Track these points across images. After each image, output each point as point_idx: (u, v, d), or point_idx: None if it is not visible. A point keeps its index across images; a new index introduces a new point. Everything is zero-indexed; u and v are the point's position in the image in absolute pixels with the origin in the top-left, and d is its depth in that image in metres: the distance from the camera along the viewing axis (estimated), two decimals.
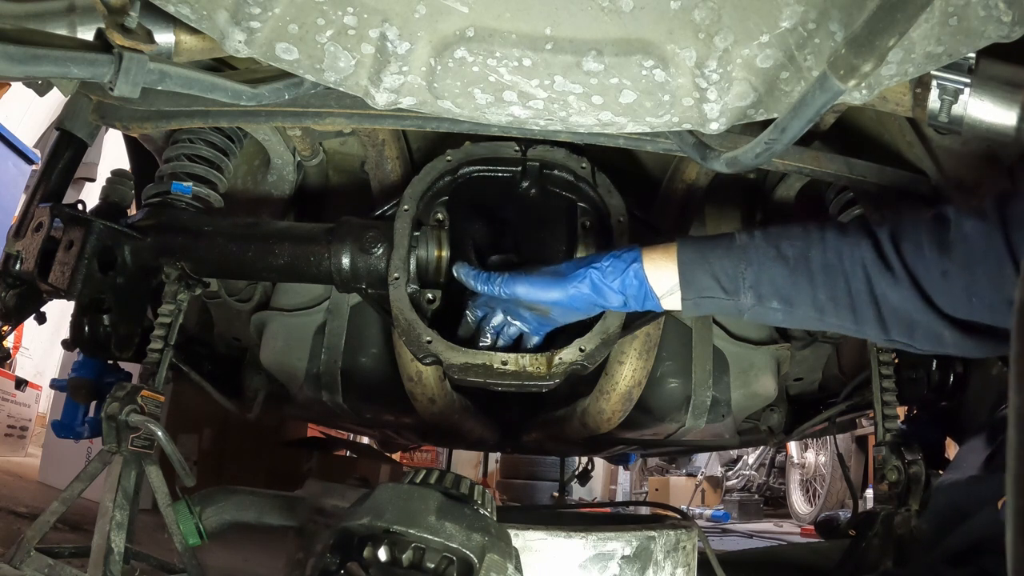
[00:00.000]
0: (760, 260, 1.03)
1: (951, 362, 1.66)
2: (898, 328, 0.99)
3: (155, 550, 1.27)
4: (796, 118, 0.86)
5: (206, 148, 1.50)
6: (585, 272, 1.11)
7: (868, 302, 0.99)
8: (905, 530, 1.27)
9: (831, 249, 1.00)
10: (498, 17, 0.89)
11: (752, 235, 1.05)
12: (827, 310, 1.01)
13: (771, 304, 1.03)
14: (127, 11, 0.88)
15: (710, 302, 1.06)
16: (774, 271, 1.02)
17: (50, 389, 2.71)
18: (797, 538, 4.77)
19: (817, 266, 1.00)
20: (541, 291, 1.14)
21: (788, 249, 1.02)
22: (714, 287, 1.05)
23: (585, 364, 1.25)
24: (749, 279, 1.03)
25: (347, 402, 1.71)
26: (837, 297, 1.00)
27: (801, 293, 1.02)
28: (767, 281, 1.02)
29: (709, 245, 1.07)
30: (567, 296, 1.12)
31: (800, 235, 1.03)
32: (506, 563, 0.83)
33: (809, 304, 1.02)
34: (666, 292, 1.08)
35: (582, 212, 1.43)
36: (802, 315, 1.03)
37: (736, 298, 1.04)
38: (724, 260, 1.04)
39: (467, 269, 1.23)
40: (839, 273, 0.99)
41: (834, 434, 2.08)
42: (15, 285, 1.35)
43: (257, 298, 1.78)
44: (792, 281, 1.01)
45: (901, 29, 0.72)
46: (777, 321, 1.06)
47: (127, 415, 1.20)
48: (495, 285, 1.17)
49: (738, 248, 1.04)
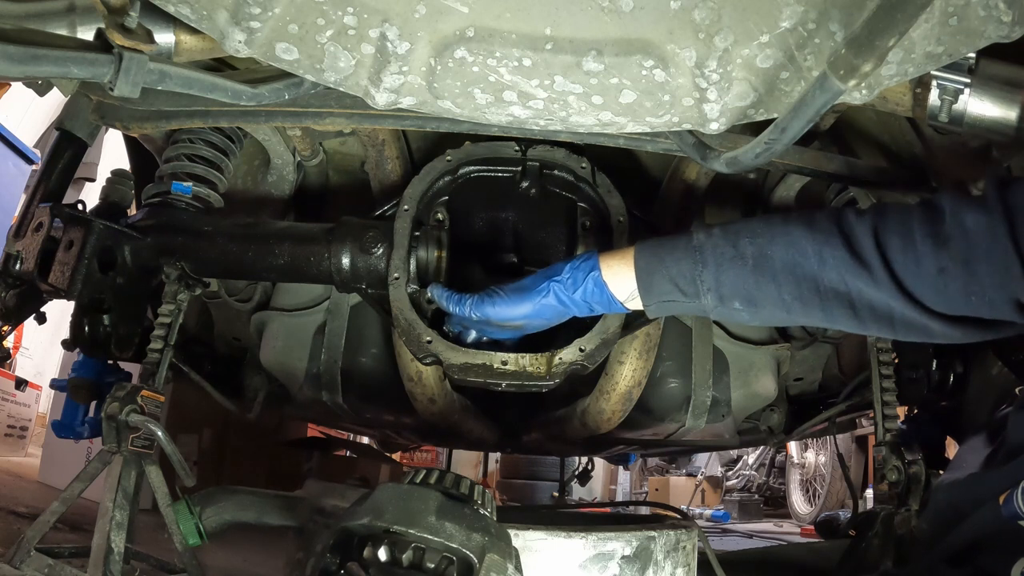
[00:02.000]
0: (717, 261, 0.99)
1: (951, 362, 1.66)
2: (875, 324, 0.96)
3: (155, 550, 1.27)
4: (796, 118, 0.86)
5: (206, 148, 1.50)
6: (547, 286, 1.12)
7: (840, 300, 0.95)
8: (905, 530, 1.27)
9: (795, 246, 0.95)
10: (498, 17, 0.89)
11: (710, 233, 1.02)
12: (794, 309, 0.98)
13: (733, 305, 1.01)
14: (127, 11, 0.88)
15: (672, 305, 1.05)
16: (733, 272, 0.98)
17: (50, 389, 2.71)
18: (797, 538, 4.77)
19: (779, 265, 0.96)
20: (509, 309, 1.15)
21: (747, 247, 0.98)
22: (672, 291, 1.03)
23: (585, 364, 1.25)
24: (708, 281, 1.00)
25: (347, 402, 1.71)
26: (804, 296, 0.96)
27: (765, 293, 0.98)
28: (727, 283, 0.99)
29: (667, 248, 1.04)
30: (534, 310, 1.13)
31: (762, 230, 0.99)
32: (506, 563, 0.83)
33: (775, 304, 0.98)
34: (627, 297, 1.07)
35: (582, 212, 1.43)
36: (768, 315, 1.01)
37: (696, 300, 1.02)
38: (681, 263, 1.02)
39: (440, 291, 1.25)
40: (805, 273, 0.95)
41: (834, 434, 2.08)
42: (15, 285, 1.35)
43: (257, 298, 1.78)
44: (754, 281, 0.98)
45: (901, 29, 0.72)
46: (744, 320, 1.04)
47: (127, 415, 1.20)
48: (466, 307, 1.19)
49: (695, 249, 1.01)
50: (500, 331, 1.24)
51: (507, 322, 1.18)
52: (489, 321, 1.19)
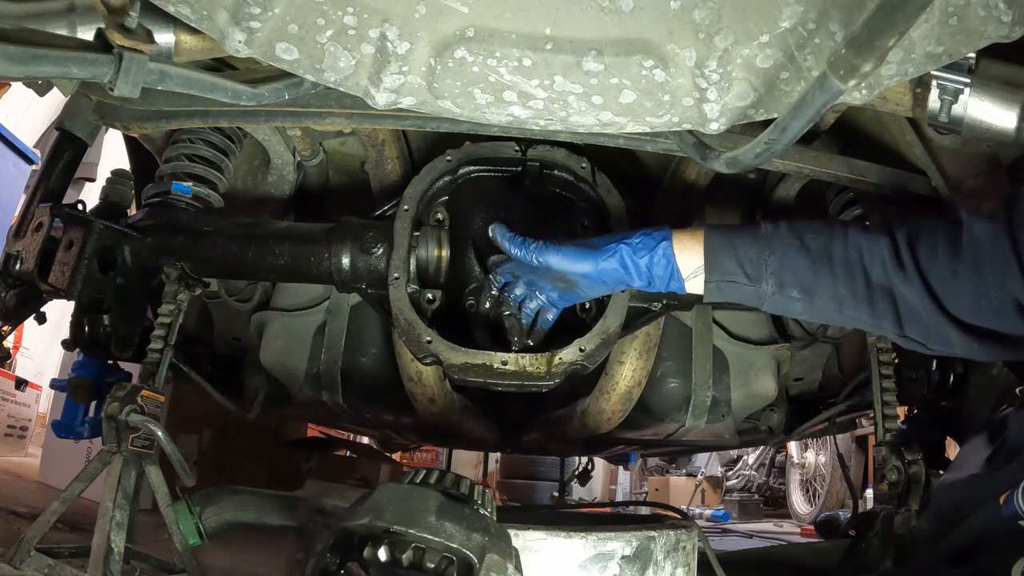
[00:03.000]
0: (784, 249, 1.05)
1: (951, 362, 1.66)
2: (913, 326, 1.02)
3: (155, 550, 1.27)
4: (796, 118, 0.86)
5: (206, 148, 1.50)
6: (616, 247, 1.12)
7: (885, 297, 1.01)
8: (905, 530, 1.27)
9: (852, 245, 1.03)
10: (498, 17, 0.89)
11: (777, 225, 1.08)
12: (846, 303, 1.04)
13: (791, 293, 1.06)
14: (127, 11, 0.88)
15: (732, 287, 1.08)
16: (797, 261, 1.05)
17: (50, 389, 2.71)
18: (797, 538, 4.76)
19: (839, 259, 1.03)
20: (573, 262, 1.15)
21: (812, 241, 1.05)
22: (737, 272, 1.07)
23: (585, 364, 1.25)
24: (772, 267, 1.05)
25: (347, 402, 1.71)
26: (856, 291, 1.02)
27: (822, 284, 1.04)
28: (789, 270, 1.05)
29: (736, 231, 1.10)
30: (597, 269, 1.13)
31: (824, 229, 1.06)
32: (506, 563, 0.83)
33: (829, 296, 1.04)
34: (691, 273, 1.10)
35: (582, 212, 1.43)
36: (822, 306, 1.06)
37: (758, 285, 1.06)
38: (749, 247, 1.07)
39: (503, 230, 1.23)
40: (859, 268, 1.02)
41: (834, 434, 2.08)
42: (15, 285, 1.35)
43: (257, 298, 1.78)
44: (814, 272, 1.04)
45: (901, 29, 0.72)
46: (796, 312, 1.09)
47: (127, 415, 1.20)
48: (529, 250, 1.18)
49: (763, 236, 1.07)
50: (549, 289, 1.22)
51: (565, 274, 1.17)
52: (549, 269, 1.18)
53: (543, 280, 1.21)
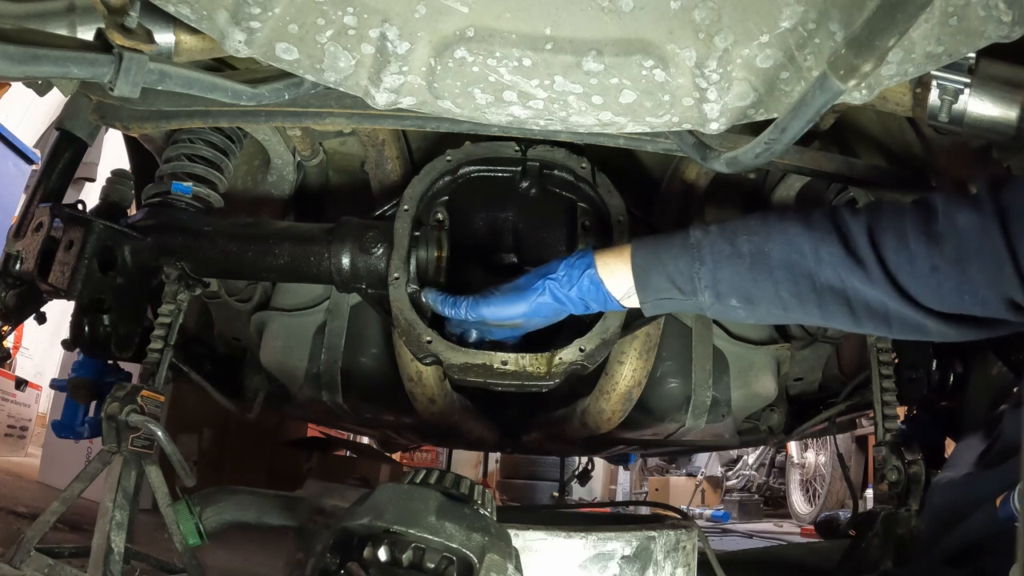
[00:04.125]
0: (715, 258, 1.00)
1: (951, 362, 1.66)
2: (871, 322, 0.96)
3: (155, 550, 1.27)
4: (796, 118, 0.86)
5: (206, 148, 1.50)
6: (543, 284, 1.11)
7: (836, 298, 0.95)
8: (905, 530, 1.27)
9: (792, 245, 0.96)
10: (498, 17, 0.89)
11: (707, 230, 1.02)
12: (791, 306, 0.98)
13: (730, 302, 1.01)
14: (127, 11, 0.88)
15: (668, 303, 1.05)
16: (730, 269, 0.99)
17: (50, 389, 2.71)
18: (797, 538, 4.76)
19: (776, 262, 0.96)
20: (505, 309, 1.15)
21: (744, 245, 0.99)
22: (670, 288, 1.03)
23: (585, 364, 1.25)
24: (705, 278, 1.00)
25: (347, 402, 1.71)
26: (801, 293, 0.96)
27: (762, 290, 0.98)
28: (724, 280, 1.00)
29: (663, 245, 1.05)
30: (530, 309, 1.13)
31: (758, 228, 0.99)
32: (506, 563, 0.83)
33: (772, 301, 0.99)
34: (623, 295, 1.07)
35: (582, 212, 1.43)
36: (765, 312, 1.01)
37: (694, 298, 1.02)
38: (678, 260, 1.02)
39: (434, 295, 1.24)
40: (801, 270, 0.95)
41: (834, 434, 2.08)
42: (15, 285, 1.35)
43: (257, 298, 1.78)
44: (751, 278, 0.98)
45: (901, 29, 0.72)
46: (740, 318, 1.04)
47: (127, 415, 1.20)
48: (461, 310, 1.19)
49: (692, 246, 1.02)
50: (500, 331, 1.24)
51: (504, 322, 1.18)
52: (485, 322, 1.19)
53: (488, 327, 1.23)
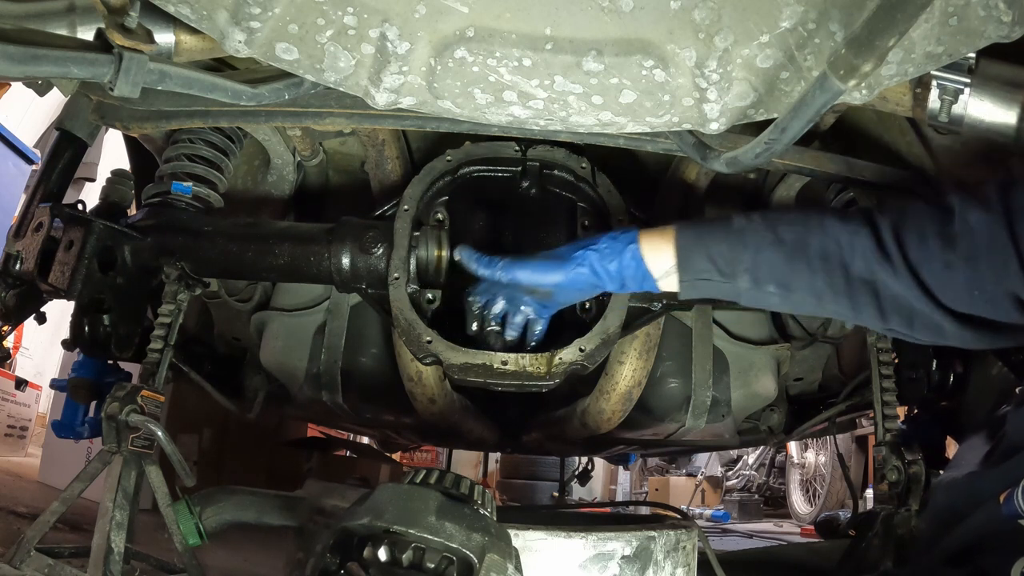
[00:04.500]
0: (757, 244, 1.03)
1: (951, 362, 1.65)
2: (897, 317, 0.99)
3: (155, 550, 1.27)
4: (796, 118, 0.86)
5: (206, 148, 1.50)
6: (584, 254, 1.11)
7: (866, 291, 0.98)
8: (905, 530, 1.27)
9: (830, 236, 0.99)
10: (498, 17, 0.89)
11: (751, 218, 1.05)
12: (825, 296, 1.01)
13: (767, 288, 1.04)
14: (127, 11, 0.88)
15: (706, 284, 1.07)
16: (771, 255, 1.02)
17: (50, 389, 2.71)
18: (797, 538, 4.76)
19: (815, 252, 1.00)
20: (541, 274, 1.14)
21: (786, 234, 1.02)
22: (710, 270, 1.05)
23: (585, 364, 1.25)
24: (746, 262, 1.03)
25: (347, 402, 1.71)
26: (835, 284, 1.00)
27: (799, 278, 1.01)
28: (764, 265, 1.02)
29: (707, 228, 1.07)
30: (567, 278, 1.12)
31: (799, 220, 1.03)
32: (506, 563, 0.83)
33: (807, 290, 1.02)
34: (663, 274, 1.08)
35: (582, 212, 1.43)
36: (799, 300, 1.03)
37: (732, 281, 1.04)
38: (721, 243, 1.04)
39: (469, 252, 1.22)
40: (837, 261, 0.99)
41: (834, 434, 2.08)
42: (15, 285, 1.35)
43: (257, 298, 1.78)
44: (790, 266, 1.01)
45: (901, 29, 0.72)
46: (774, 305, 1.06)
47: (127, 415, 1.20)
48: (496, 269, 1.17)
49: (736, 231, 1.04)
50: (528, 301, 1.21)
51: (537, 288, 1.16)
52: (519, 285, 1.17)
53: (519, 294, 1.20)
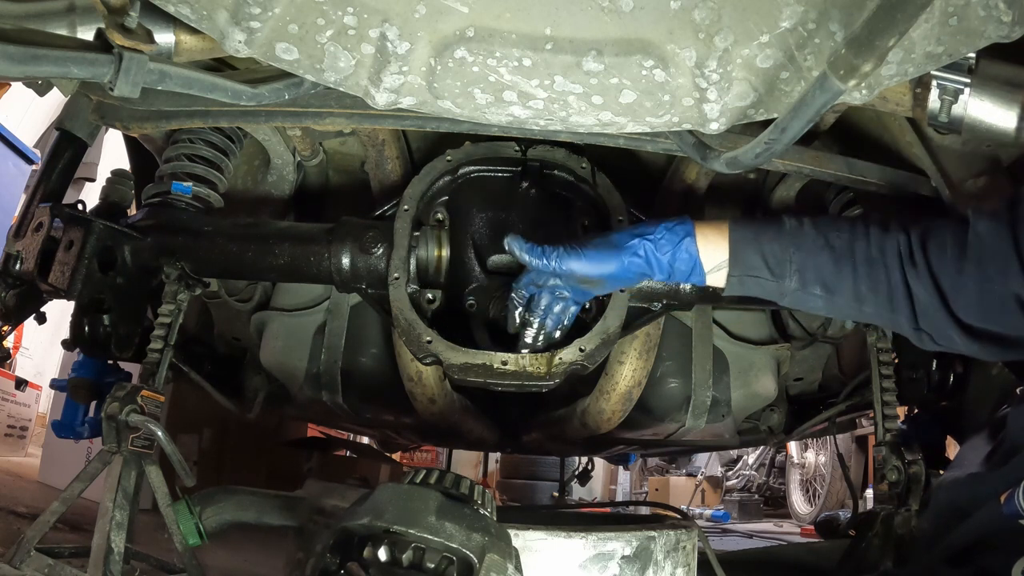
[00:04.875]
0: (809, 247, 1.07)
1: (951, 362, 1.66)
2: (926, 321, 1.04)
3: (155, 550, 1.27)
4: (796, 118, 0.86)
5: (206, 148, 1.50)
6: (639, 243, 1.11)
7: (904, 293, 1.03)
8: (905, 530, 1.27)
9: (874, 243, 1.05)
10: (498, 17, 0.89)
11: (801, 221, 1.09)
12: (867, 300, 1.06)
13: (813, 290, 1.07)
14: (127, 11, 0.88)
15: (754, 282, 1.09)
16: (820, 259, 1.06)
17: (50, 389, 2.71)
18: (797, 538, 4.76)
19: (861, 258, 1.05)
20: (596, 265, 1.13)
21: (836, 239, 1.06)
22: (761, 267, 1.08)
23: (585, 364, 1.25)
24: (796, 263, 1.07)
25: (347, 402, 1.71)
26: (877, 288, 1.04)
27: (843, 282, 1.06)
28: (812, 267, 1.06)
29: (761, 226, 1.10)
30: (622, 267, 1.12)
31: (847, 227, 1.07)
32: (506, 563, 0.83)
33: (850, 293, 1.06)
34: (713, 267, 1.10)
35: (582, 212, 1.43)
36: (842, 303, 1.07)
37: (781, 281, 1.07)
38: (774, 242, 1.08)
39: (520, 242, 1.17)
40: (880, 266, 1.04)
41: (834, 434, 2.08)
42: (15, 285, 1.35)
43: (257, 298, 1.78)
44: (836, 270, 1.06)
45: (901, 29, 0.72)
46: (816, 308, 1.10)
47: (127, 415, 1.20)
48: (550, 260, 1.14)
49: (788, 232, 1.08)
50: (571, 290, 1.19)
51: (590, 278, 1.15)
52: (573, 275, 1.15)
53: (569, 284, 1.18)
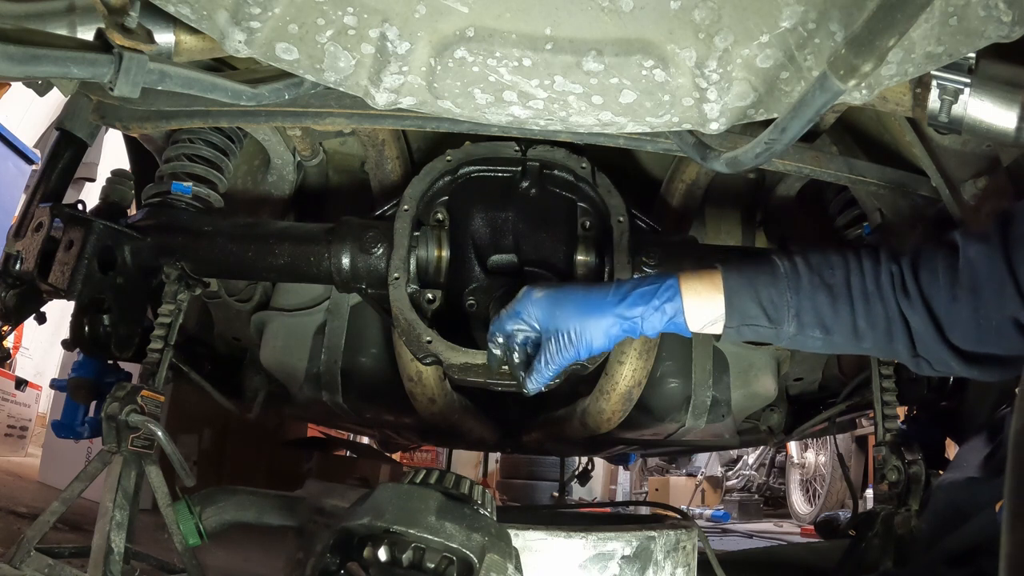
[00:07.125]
0: (805, 289, 1.03)
1: None
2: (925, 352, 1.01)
3: (155, 550, 1.27)
4: (796, 118, 0.86)
5: (206, 148, 1.50)
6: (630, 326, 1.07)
7: (901, 324, 1.01)
8: (905, 530, 1.27)
9: (869, 277, 1.02)
10: (498, 17, 0.89)
11: (794, 262, 1.05)
12: (865, 336, 1.03)
13: (812, 333, 1.04)
14: (127, 11, 0.88)
15: (751, 330, 1.06)
16: (817, 299, 1.03)
17: (50, 389, 2.71)
18: (797, 538, 4.76)
19: (858, 294, 1.02)
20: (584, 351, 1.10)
21: (831, 277, 1.03)
22: (759, 315, 1.04)
23: (585, 364, 1.24)
24: (794, 307, 1.03)
25: (347, 402, 1.71)
26: (875, 323, 1.01)
27: (841, 321, 1.03)
28: (810, 310, 1.03)
29: (753, 271, 1.06)
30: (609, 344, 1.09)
31: (839, 263, 1.05)
32: (506, 563, 0.83)
33: (849, 331, 1.03)
34: (705, 324, 1.06)
35: (582, 212, 1.43)
36: (840, 341, 1.04)
37: (779, 327, 1.04)
38: (770, 287, 1.04)
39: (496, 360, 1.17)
40: (877, 299, 1.01)
41: (834, 434, 2.08)
42: (15, 285, 1.34)
43: (257, 298, 1.78)
44: (834, 311, 1.02)
45: (901, 29, 0.72)
46: (815, 348, 1.06)
47: (127, 415, 1.20)
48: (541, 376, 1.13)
49: (783, 276, 1.04)
50: None
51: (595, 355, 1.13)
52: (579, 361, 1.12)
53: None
